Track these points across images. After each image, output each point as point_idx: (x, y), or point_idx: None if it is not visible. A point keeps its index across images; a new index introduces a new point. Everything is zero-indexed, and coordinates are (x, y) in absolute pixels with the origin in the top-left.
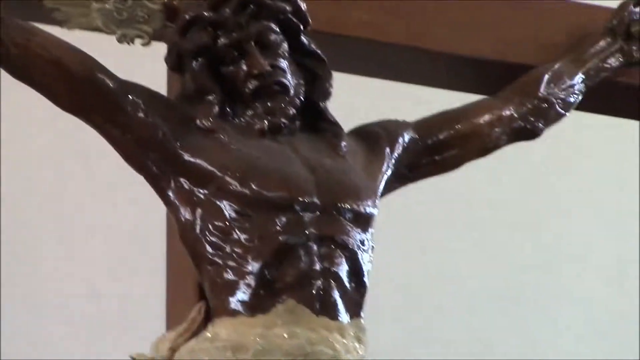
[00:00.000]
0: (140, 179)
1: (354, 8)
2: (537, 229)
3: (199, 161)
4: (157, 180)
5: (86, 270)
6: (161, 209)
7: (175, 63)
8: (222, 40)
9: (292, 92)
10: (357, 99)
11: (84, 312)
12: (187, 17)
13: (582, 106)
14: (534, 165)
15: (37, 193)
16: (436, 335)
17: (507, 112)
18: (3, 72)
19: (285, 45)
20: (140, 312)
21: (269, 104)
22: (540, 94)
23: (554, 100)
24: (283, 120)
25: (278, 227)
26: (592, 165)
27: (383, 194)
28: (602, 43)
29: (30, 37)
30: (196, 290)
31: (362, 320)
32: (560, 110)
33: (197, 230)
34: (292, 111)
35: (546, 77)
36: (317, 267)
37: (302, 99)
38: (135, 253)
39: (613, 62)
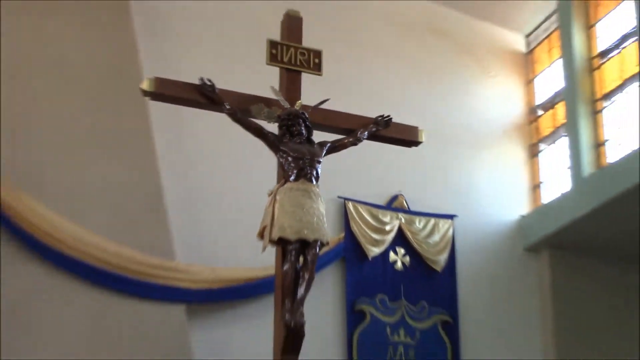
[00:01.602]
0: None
1: (319, 114)
2: None
3: (285, 149)
4: (274, 151)
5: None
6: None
7: (279, 128)
8: (289, 123)
9: (304, 134)
10: (319, 134)
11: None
12: (281, 117)
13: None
14: None
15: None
16: None
17: (351, 139)
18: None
19: (303, 124)
20: (266, 184)
21: (300, 137)
22: (358, 136)
23: (360, 137)
24: (302, 139)
25: (300, 163)
26: None
27: (324, 156)
28: (372, 125)
29: (248, 120)
30: (281, 176)
31: (318, 183)
32: (363, 139)
33: (282, 162)
34: (304, 138)
35: (359, 132)
36: (309, 171)
37: (307, 135)
38: (270, 166)
39: (374, 130)
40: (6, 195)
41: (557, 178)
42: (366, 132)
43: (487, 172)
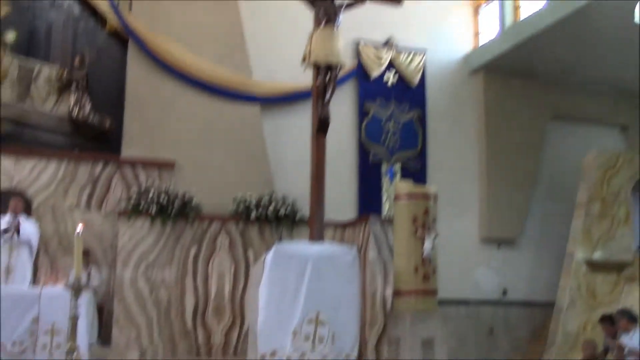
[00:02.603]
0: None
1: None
2: None
3: (320, 7)
4: (311, 5)
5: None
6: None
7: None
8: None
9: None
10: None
11: None
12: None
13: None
14: None
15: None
16: None
17: (359, 1)
18: None
19: (335, 5)
20: (307, 29)
21: (330, 14)
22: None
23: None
24: (330, 2)
25: (328, 16)
26: None
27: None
28: None
29: None
30: (316, 24)
31: (339, 29)
32: (366, 1)
33: (318, 14)
34: (331, 1)
35: None
36: (334, 21)
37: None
38: (310, 20)
39: (362, 4)
40: (150, 37)
41: (489, 30)
42: None
43: (448, 24)
